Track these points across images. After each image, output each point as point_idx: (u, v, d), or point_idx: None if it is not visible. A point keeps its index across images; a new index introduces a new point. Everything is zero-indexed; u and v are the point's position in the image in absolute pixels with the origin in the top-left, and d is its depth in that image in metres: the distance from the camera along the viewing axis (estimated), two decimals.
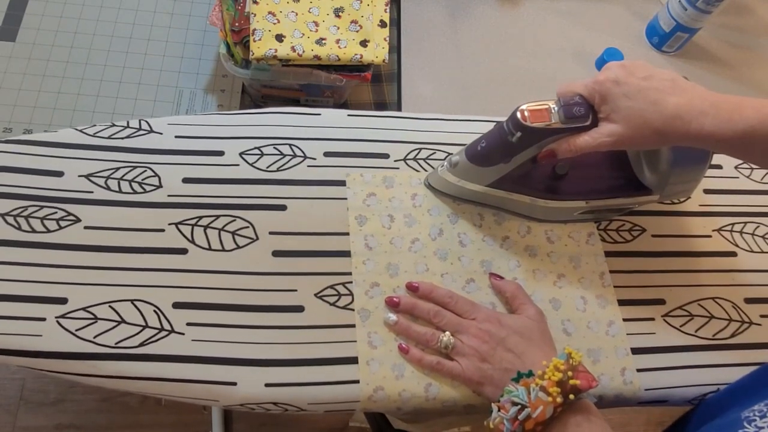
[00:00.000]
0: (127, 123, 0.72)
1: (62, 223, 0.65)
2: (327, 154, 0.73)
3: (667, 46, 1.05)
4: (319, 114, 0.76)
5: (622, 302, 0.71)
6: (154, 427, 1.39)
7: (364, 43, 0.84)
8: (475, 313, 0.65)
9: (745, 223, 0.78)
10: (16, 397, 1.37)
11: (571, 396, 0.55)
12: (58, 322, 0.60)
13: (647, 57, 1.06)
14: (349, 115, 0.77)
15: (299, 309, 0.65)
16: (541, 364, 0.58)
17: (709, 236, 0.77)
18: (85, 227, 0.65)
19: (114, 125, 0.71)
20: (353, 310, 0.66)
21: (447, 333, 0.64)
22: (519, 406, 0.56)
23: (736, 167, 0.82)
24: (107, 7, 0.97)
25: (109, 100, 0.90)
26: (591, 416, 0.57)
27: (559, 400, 0.54)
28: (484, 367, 0.62)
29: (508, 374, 0.60)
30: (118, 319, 0.61)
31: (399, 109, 0.95)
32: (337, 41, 0.83)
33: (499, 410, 0.57)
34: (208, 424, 1.37)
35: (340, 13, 0.85)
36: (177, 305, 0.63)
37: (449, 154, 0.75)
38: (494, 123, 0.79)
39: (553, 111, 0.61)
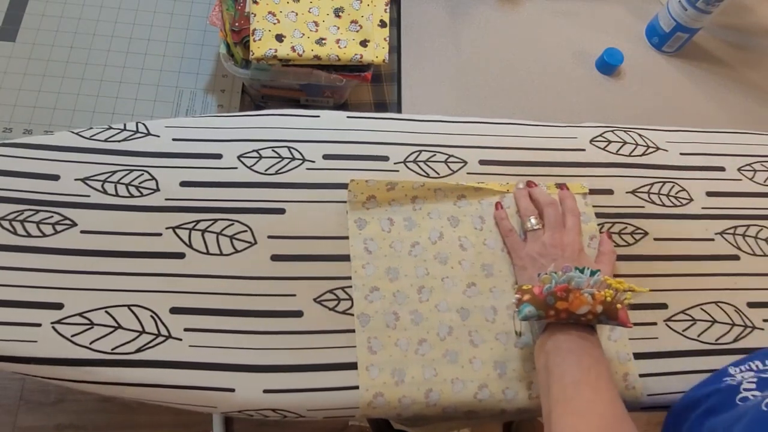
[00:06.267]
0: (124, 125, 0.71)
1: (58, 228, 0.64)
2: (326, 157, 0.72)
3: (667, 46, 1.05)
4: (318, 116, 0.76)
5: None
6: (154, 427, 1.39)
7: (364, 43, 0.84)
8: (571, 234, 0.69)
9: (748, 226, 0.78)
10: (16, 397, 1.37)
11: (606, 301, 0.57)
12: (53, 328, 0.60)
13: (647, 57, 1.06)
14: (348, 117, 0.76)
15: (298, 314, 0.64)
16: (605, 277, 0.60)
17: (712, 239, 0.76)
18: (82, 231, 0.65)
19: (111, 128, 0.70)
20: (353, 314, 0.65)
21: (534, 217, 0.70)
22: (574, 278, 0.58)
23: (738, 169, 0.81)
24: (107, 7, 0.96)
25: (109, 100, 0.89)
26: (597, 353, 0.58)
27: (598, 309, 0.57)
28: (542, 261, 0.66)
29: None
30: (115, 324, 0.61)
31: (399, 109, 0.94)
32: (337, 41, 0.83)
33: (555, 272, 0.60)
34: (209, 423, 1.37)
35: (340, 13, 0.85)
36: (174, 310, 0.62)
37: (449, 156, 0.75)
38: (494, 124, 0.79)
39: None
